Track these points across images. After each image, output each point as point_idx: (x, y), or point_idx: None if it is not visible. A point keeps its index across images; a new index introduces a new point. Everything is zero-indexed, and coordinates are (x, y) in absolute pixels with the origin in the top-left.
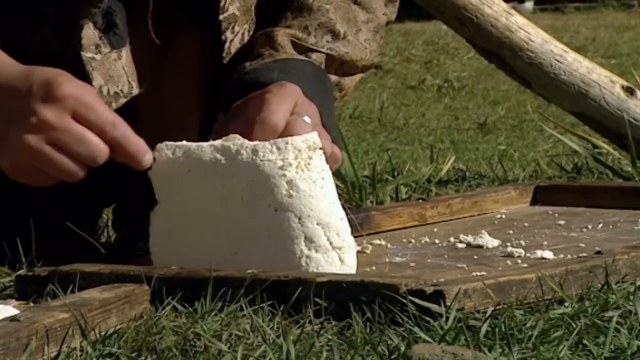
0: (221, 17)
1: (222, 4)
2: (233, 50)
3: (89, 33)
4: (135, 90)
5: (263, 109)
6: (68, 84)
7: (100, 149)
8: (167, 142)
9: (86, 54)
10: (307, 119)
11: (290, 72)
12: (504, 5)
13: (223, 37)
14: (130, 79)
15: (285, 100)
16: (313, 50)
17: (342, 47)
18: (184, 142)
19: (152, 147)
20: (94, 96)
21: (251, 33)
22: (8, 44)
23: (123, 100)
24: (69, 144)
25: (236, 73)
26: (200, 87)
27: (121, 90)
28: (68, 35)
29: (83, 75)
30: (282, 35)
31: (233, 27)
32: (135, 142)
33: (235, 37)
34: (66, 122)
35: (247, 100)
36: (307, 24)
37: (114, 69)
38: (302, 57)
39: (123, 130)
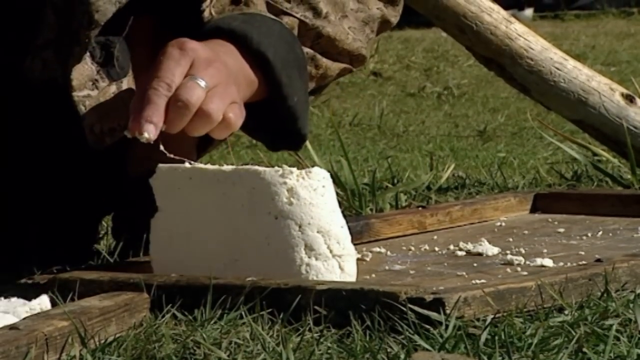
0: None
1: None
2: None
3: (85, 69)
4: None
5: (155, 74)
6: None
7: None
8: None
9: (78, 94)
10: (200, 81)
11: (252, 24)
12: (503, 13)
13: None
14: None
15: (178, 63)
16: (286, 14)
17: (319, 22)
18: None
19: (151, 160)
20: None
21: None
22: (8, 70)
23: (122, 133)
24: None
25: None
26: None
27: (118, 124)
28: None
29: (77, 113)
30: None
31: None
32: None
33: None
34: None
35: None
36: None
37: (111, 104)
38: (272, 17)
39: None
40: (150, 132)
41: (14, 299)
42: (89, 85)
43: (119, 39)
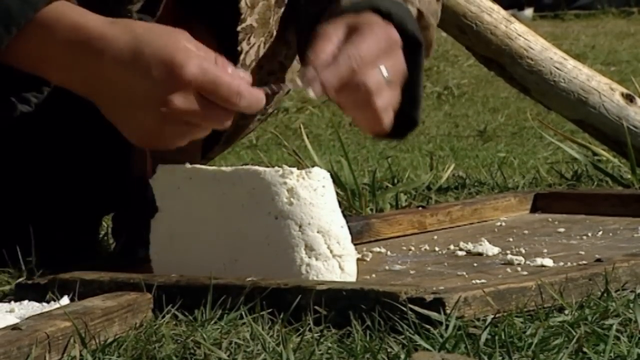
0: (239, 27)
1: (242, 15)
2: (248, 62)
3: None
4: None
5: (354, 38)
6: (189, 65)
7: (227, 119)
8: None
9: None
10: (385, 73)
11: (398, 6)
12: (503, 12)
13: (239, 48)
14: None
15: (379, 46)
16: None
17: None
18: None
19: (160, 158)
20: (214, 65)
21: (267, 45)
22: None
23: None
24: (200, 121)
25: (329, 11)
26: None
27: None
28: None
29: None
30: None
31: (249, 39)
32: (258, 103)
33: (250, 49)
34: (194, 105)
35: (342, 19)
36: None
37: None
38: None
39: (248, 100)
40: (317, 93)
41: (25, 302)
42: None
43: (150, 19)
